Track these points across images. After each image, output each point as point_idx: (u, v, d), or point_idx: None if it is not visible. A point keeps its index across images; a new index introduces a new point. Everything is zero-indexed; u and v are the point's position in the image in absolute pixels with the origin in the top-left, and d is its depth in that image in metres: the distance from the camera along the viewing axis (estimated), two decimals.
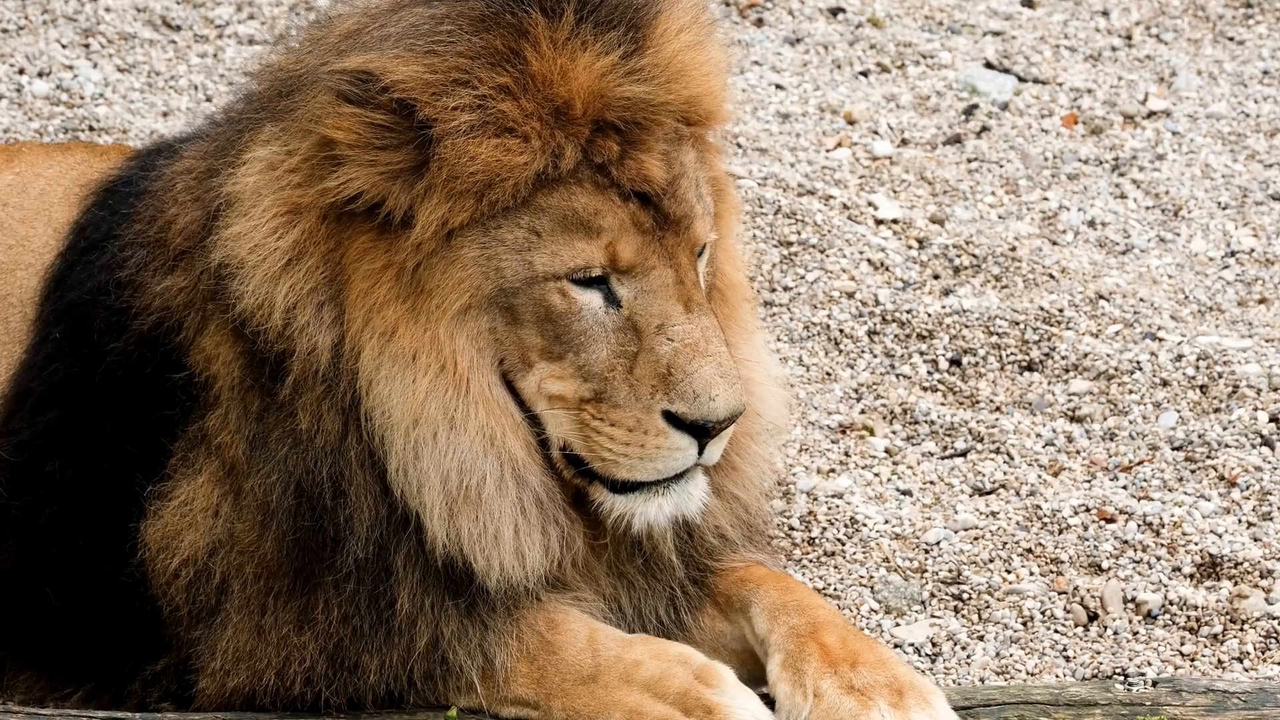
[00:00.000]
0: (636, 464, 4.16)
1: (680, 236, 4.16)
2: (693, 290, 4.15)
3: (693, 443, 4.14)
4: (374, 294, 4.13)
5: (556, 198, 4.10)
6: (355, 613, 4.25)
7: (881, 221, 6.84)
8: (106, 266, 4.57)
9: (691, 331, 4.11)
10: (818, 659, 4.25)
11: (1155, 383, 6.00)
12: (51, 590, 4.54)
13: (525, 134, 4.06)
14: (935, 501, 5.58)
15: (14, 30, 7.85)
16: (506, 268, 4.12)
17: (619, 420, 4.14)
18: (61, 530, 4.53)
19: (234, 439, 4.31)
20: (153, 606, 4.44)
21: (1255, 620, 5.03)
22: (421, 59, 4.07)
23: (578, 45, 4.09)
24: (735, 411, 4.11)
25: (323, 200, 4.15)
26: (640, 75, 4.13)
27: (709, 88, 4.25)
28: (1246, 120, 7.55)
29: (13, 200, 5.20)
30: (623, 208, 4.12)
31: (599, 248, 4.11)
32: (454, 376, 4.14)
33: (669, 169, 4.16)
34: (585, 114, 4.10)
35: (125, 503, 4.43)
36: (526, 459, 4.20)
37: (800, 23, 8.17)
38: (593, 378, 4.15)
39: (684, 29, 4.21)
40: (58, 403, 4.57)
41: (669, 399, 4.10)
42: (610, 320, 4.15)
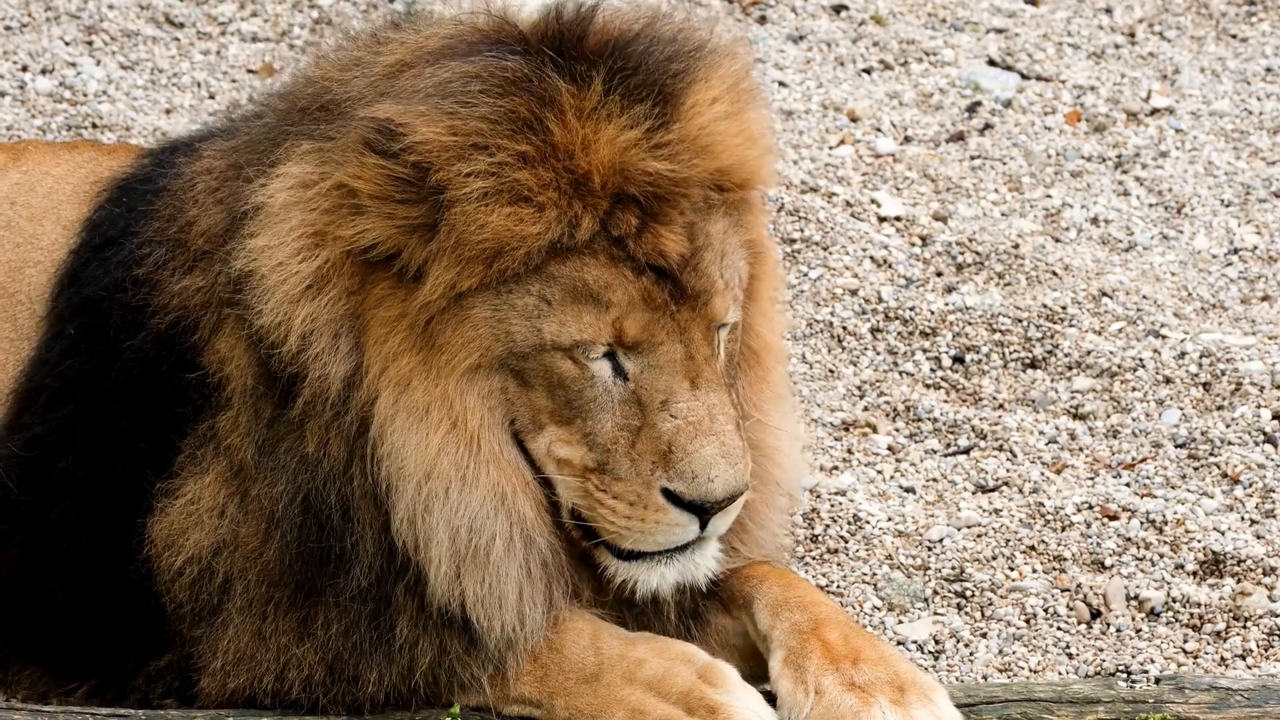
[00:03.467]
0: (638, 536, 4.14)
1: (695, 312, 4.12)
2: (703, 366, 4.11)
3: (693, 519, 4.12)
4: (389, 342, 4.12)
5: (569, 267, 4.07)
6: (356, 630, 4.26)
7: (884, 219, 6.84)
8: (123, 263, 4.57)
9: (696, 409, 4.08)
10: (819, 656, 4.24)
11: (1158, 380, 6.00)
12: (58, 585, 4.54)
13: (540, 203, 4.03)
14: (938, 499, 5.58)
15: (17, 27, 7.86)
16: (516, 332, 4.10)
17: (620, 493, 4.12)
18: (71, 526, 4.53)
19: (243, 441, 4.31)
20: (157, 603, 4.45)
21: (1258, 617, 5.03)
22: (445, 119, 4.04)
23: (603, 116, 4.05)
24: (734, 492, 4.09)
25: (344, 242, 4.16)
26: (665, 150, 4.08)
27: (743, 157, 4.20)
28: (1249, 118, 7.55)
29: (20, 199, 5.20)
30: (634, 282, 4.07)
31: (606, 323, 4.07)
32: (465, 434, 4.13)
33: (690, 242, 4.11)
34: (605, 187, 4.05)
35: (135, 499, 4.43)
36: (536, 519, 4.19)
37: (803, 20, 8.17)
38: (597, 447, 4.13)
39: (717, 99, 4.16)
40: (72, 399, 4.57)
41: (668, 477, 4.08)
42: (617, 391, 4.12)
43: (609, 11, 4.27)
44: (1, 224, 5.14)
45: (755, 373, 4.40)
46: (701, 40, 4.28)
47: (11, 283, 5.02)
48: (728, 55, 4.27)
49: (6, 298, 5.00)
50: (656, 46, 4.18)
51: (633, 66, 4.12)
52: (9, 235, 5.12)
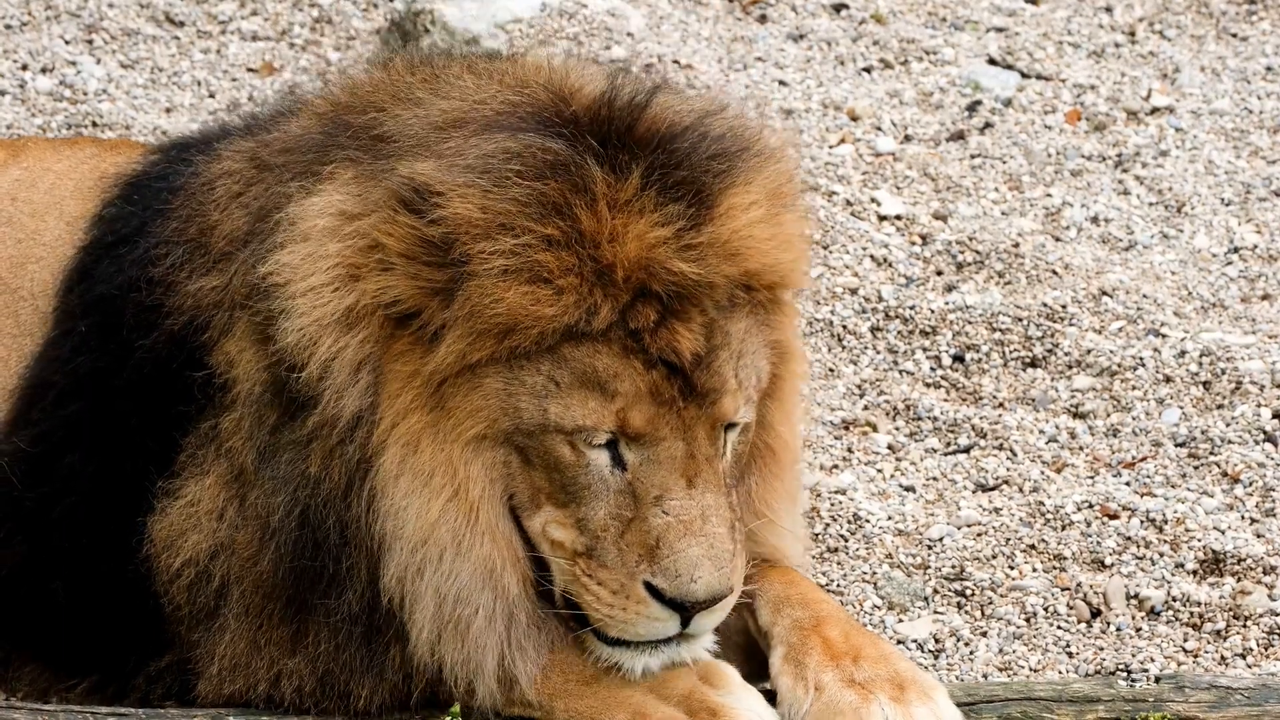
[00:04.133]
0: (620, 626, 4.13)
1: (702, 410, 4.10)
2: (703, 466, 4.10)
3: (673, 615, 4.10)
4: (403, 397, 4.13)
5: (582, 352, 4.06)
6: (346, 649, 4.27)
7: (885, 218, 6.84)
8: (138, 262, 4.57)
9: (689, 508, 4.06)
10: (820, 652, 4.25)
11: (1158, 379, 6.00)
12: (61, 583, 4.54)
13: (560, 286, 4.02)
14: (938, 498, 5.58)
15: (17, 26, 7.86)
16: (523, 409, 4.09)
17: (605, 580, 4.11)
18: (75, 523, 4.54)
19: (245, 445, 4.31)
20: (156, 603, 4.45)
21: (1258, 616, 5.03)
22: (478, 197, 4.04)
23: (635, 210, 4.04)
24: (716, 595, 4.07)
25: (371, 293, 4.17)
26: (694, 252, 4.06)
27: (774, 261, 4.17)
28: (1249, 117, 7.55)
29: (21, 195, 5.20)
30: (644, 375, 4.06)
31: (610, 411, 4.06)
32: (465, 504, 4.14)
33: (707, 341, 4.09)
34: (628, 281, 4.04)
35: (140, 498, 4.43)
36: (520, 595, 4.19)
37: (803, 19, 8.17)
38: (588, 532, 4.12)
39: (755, 203, 4.14)
40: (82, 396, 4.57)
41: (651, 571, 4.06)
42: (614, 481, 4.11)
43: (664, 101, 4.24)
44: (2, 220, 5.14)
45: (770, 469, 4.38)
46: (749, 140, 4.25)
47: (14, 278, 5.02)
48: (773, 158, 4.25)
49: (9, 293, 5.00)
50: (703, 143, 4.17)
51: (675, 162, 4.10)
52: (10, 231, 5.12)
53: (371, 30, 7.87)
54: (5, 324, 4.97)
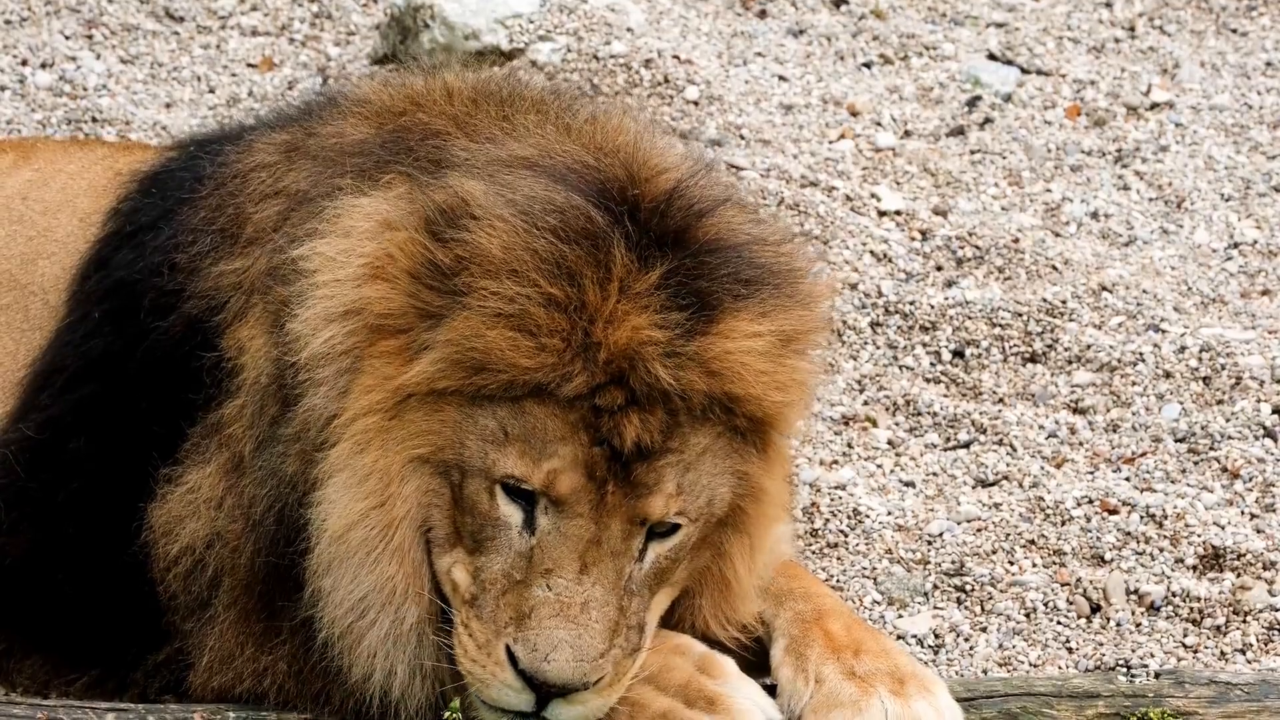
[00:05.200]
0: (477, 683, 4.11)
1: (627, 500, 4.08)
2: (605, 557, 4.07)
3: (526, 690, 4.06)
4: (369, 397, 4.15)
5: (542, 411, 4.06)
6: (313, 652, 4.27)
7: (884, 213, 6.84)
8: (162, 248, 4.58)
9: (572, 592, 4.04)
10: (821, 645, 4.26)
11: (1158, 374, 6.00)
12: (63, 573, 4.54)
13: (543, 344, 4.04)
14: (938, 493, 5.58)
15: (17, 21, 7.85)
16: (469, 447, 4.10)
17: (475, 633, 4.10)
18: (79, 510, 4.54)
19: (245, 434, 4.32)
20: (154, 591, 4.45)
21: (1258, 612, 5.03)
22: (506, 234, 4.06)
23: (641, 305, 4.05)
24: (569, 683, 4.02)
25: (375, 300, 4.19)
26: (675, 361, 4.05)
27: (762, 396, 4.14)
28: (1249, 112, 7.55)
29: (33, 194, 5.22)
30: (585, 448, 4.05)
31: (542, 470, 4.06)
32: (387, 516, 4.15)
33: (661, 439, 4.07)
34: (609, 364, 4.04)
35: (144, 484, 4.44)
36: (413, 627, 4.17)
37: (803, 14, 8.17)
38: (479, 582, 4.12)
39: (757, 334, 4.12)
40: (93, 379, 4.58)
41: (513, 637, 4.05)
42: (519, 542, 4.09)
43: (727, 214, 4.23)
44: (14, 218, 5.16)
45: (721, 598, 4.34)
46: (787, 278, 4.23)
47: (24, 275, 5.03)
48: (802, 302, 4.23)
49: (19, 289, 5.01)
50: (739, 265, 4.16)
51: (702, 273, 4.10)
52: (21, 229, 5.13)
53: (371, 26, 7.87)
54: (15, 319, 4.98)
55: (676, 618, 4.33)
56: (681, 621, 4.33)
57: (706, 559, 4.29)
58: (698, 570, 4.29)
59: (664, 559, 4.17)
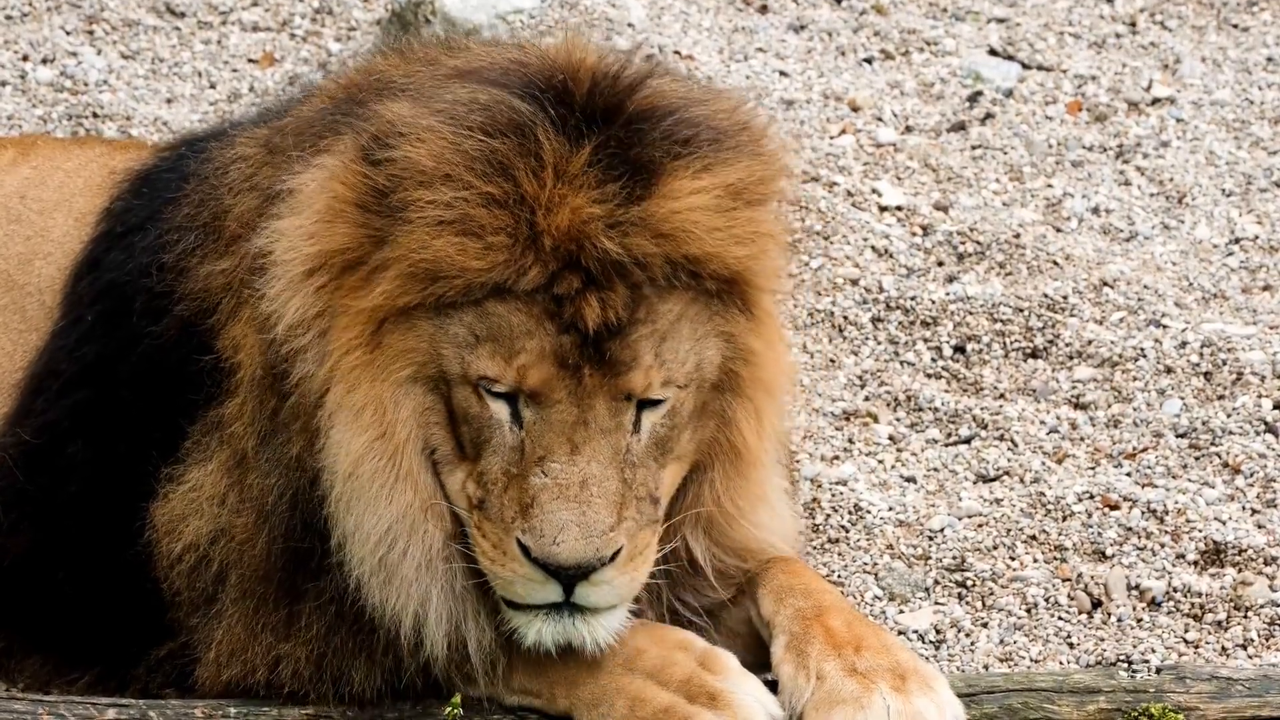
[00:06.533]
0: (502, 584, 4.12)
1: (606, 379, 4.07)
2: (595, 435, 4.06)
3: (549, 580, 4.07)
4: (348, 333, 4.15)
5: (503, 309, 4.07)
6: (337, 632, 4.27)
7: (886, 208, 6.84)
8: (149, 249, 4.58)
9: (569, 473, 4.04)
10: (822, 642, 4.25)
11: (1159, 370, 6.00)
12: (64, 572, 4.55)
13: (490, 243, 4.03)
14: (939, 489, 5.59)
15: (18, 17, 7.85)
16: (446, 357, 4.11)
17: (488, 534, 4.11)
18: (78, 512, 4.54)
19: (246, 431, 4.33)
20: (156, 589, 4.46)
21: (1259, 607, 5.04)
22: (434, 142, 4.06)
23: (579, 185, 4.04)
24: (582, 563, 4.03)
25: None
26: (619, 230, 4.04)
27: (723, 253, 4.12)
28: (1250, 107, 7.55)
29: (30, 193, 5.22)
30: (552, 337, 4.06)
31: (512, 367, 4.06)
32: (390, 445, 4.15)
33: (627, 314, 4.06)
34: (557, 250, 4.04)
35: (144, 486, 4.44)
36: (441, 548, 4.18)
37: (804, 9, 8.17)
38: (483, 485, 4.13)
39: (702, 189, 4.10)
40: (88, 383, 4.58)
41: (522, 529, 4.05)
42: (510, 437, 4.10)
43: (659, 84, 4.21)
44: (11, 218, 5.15)
45: (734, 469, 4.32)
46: (729, 132, 4.20)
47: (21, 275, 5.03)
48: (749, 153, 4.19)
49: (15, 290, 5.01)
50: (673, 127, 4.13)
51: (636, 141, 4.09)
52: (18, 229, 5.13)
53: (372, 21, 7.87)
54: (12, 319, 4.98)
55: (692, 496, 4.30)
56: (700, 502, 4.30)
57: (712, 429, 4.27)
58: (705, 442, 4.27)
59: (661, 427, 4.16)
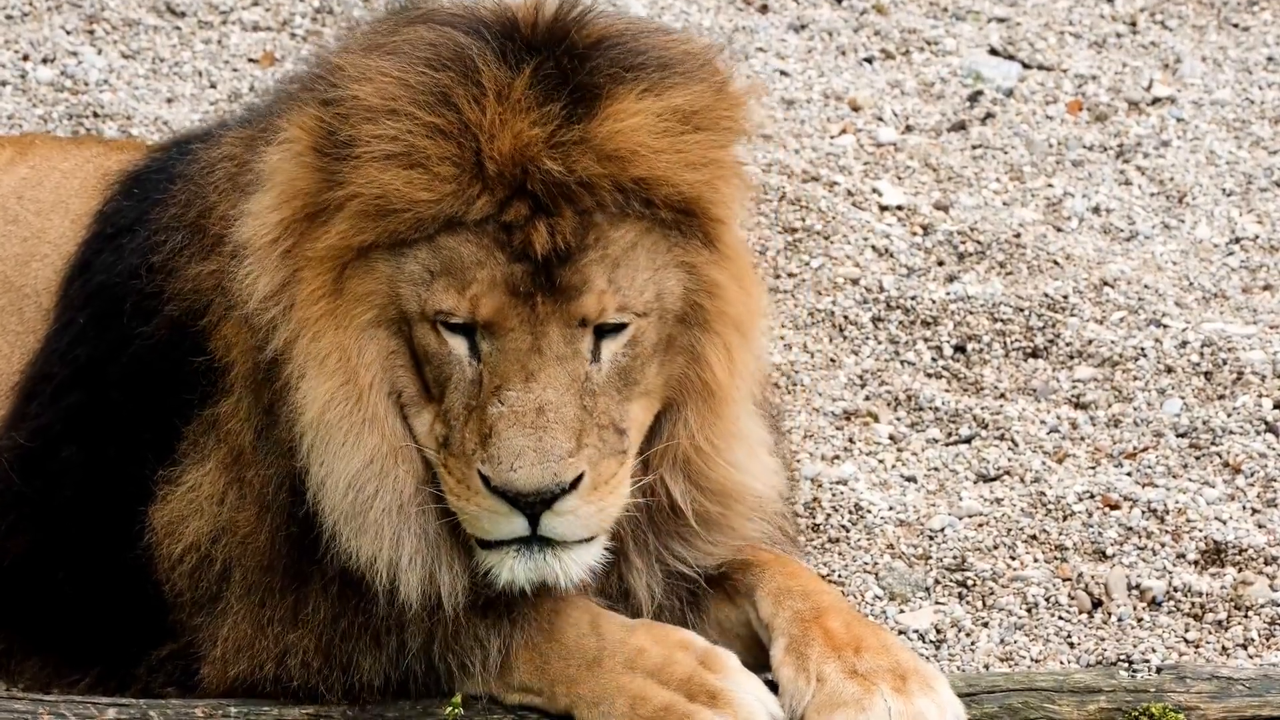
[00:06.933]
0: (470, 520, 4.12)
1: (558, 306, 4.07)
2: (550, 363, 4.06)
3: (514, 511, 4.06)
4: (312, 284, 4.16)
5: (454, 241, 4.08)
6: (344, 615, 4.27)
7: (886, 208, 6.84)
8: (138, 250, 4.59)
9: (524, 401, 4.04)
10: (821, 644, 4.25)
11: (1160, 369, 6.00)
12: (62, 574, 4.55)
13: (438, 174, 4.04)
14: (940, 488, 5.59)
15: (19, 16, 7.85)
16: (405, 296, 4.12)
17: (453, 469, 4.12)
18: (75, 514, 4.54)
19: (243, 427, 4.33)
20: (157, 591, 4.46)
21: (1260, 607, 5.04)
22: (380, 80, 4.08)
23: (520, 109, 4.04)
24: (540, 488, 4.02)
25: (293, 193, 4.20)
26: (562, 150, 4.04)
27: (671, 176, 4.12)
28: (1251, 107, 7.55)
29: (27, 193, 5.22)
30: (503, 266, 4.06)
31: (466, 298, 4.07)
32: (355, 389, 4.16)
33: (575, 239, 4.06)
34: (503, 177, 4.05)
35: (139, 488, 4.44)
36: (414, 493, 4.19)
37: (805, 9, 8.17)
38: (446, 422, 4.13)
39: (646, 111, 4.09)
40: (80, 386, 4.58)
41: (481, 460, 4.05)
42: (469, 371, 4.11)
43: (606, 17, 4.22)
44: (8, 219, 5.15)
45: (706, 406, 4.31)
46: (678, 60, 4.19)
47: (18, 277, 5.03)
48: (700, 80, 4.18)
49: (13, 292, 5.01)
50: (619, 54, 4.14)
51: (578, 67, 4.09)
52: (16, 230, 5.13)
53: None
54: (9, 321, 4.98)
55: (666, 434, 4.29)
56: (676, 442, 4.29)
57: (682, 364, 4.26)
58: (676, 378, 4.27)
59: (623, 357, 4.16)
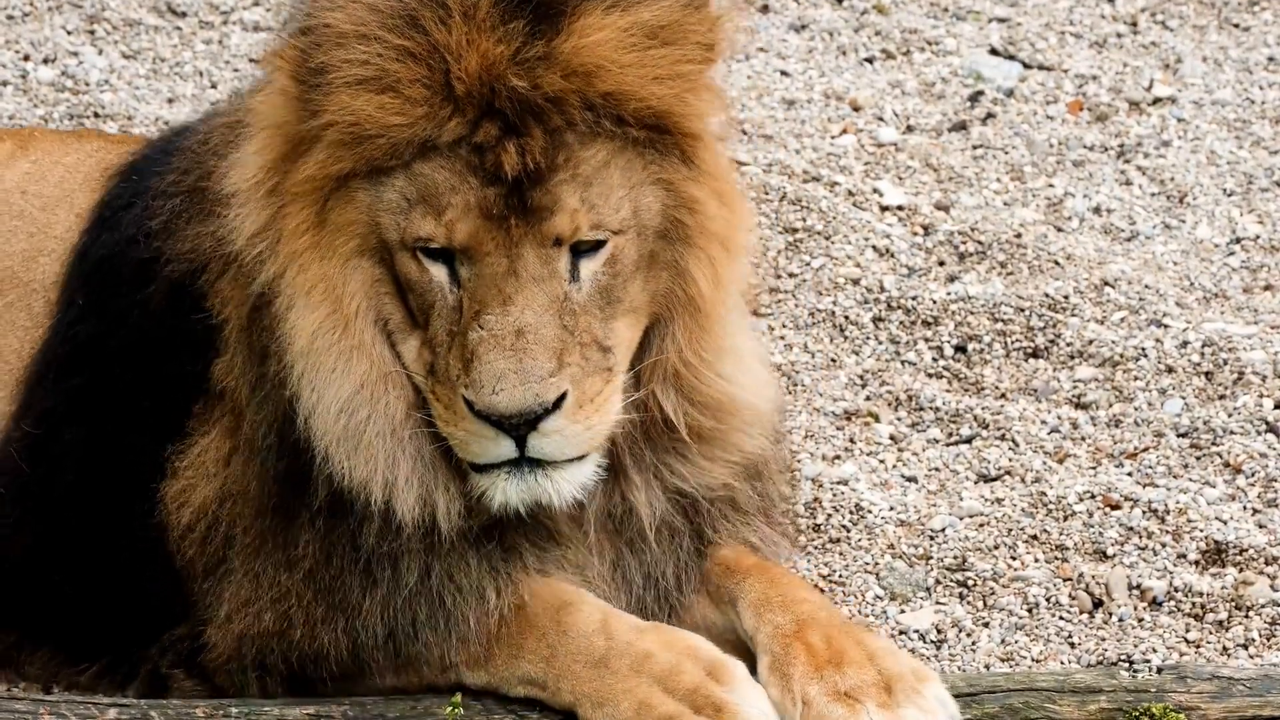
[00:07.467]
0: (459, 445, 4.14)
1: (531, 226, 4.08)
2: (527, 284, 4.07)
3: (500, 434, 4.08)
4: (296, 218, 4.18)
5: (429, 167, 4.09)
6: (335, 551, 4.28)
7: (887, 208, 6.84)
8: (135, 220, 4.61)
9: (503, 324, 4.05)
10: (804, 662, 4.25)
11: (1160, 369, 6.00)
12: (67, 561, 4.54)
13: (409, 97, 4.06)
14: (940, 488, 5.59)
15: (19, 16, 7.86)
16: (384, 224, 4.14)
17: (440, 395, 4.14)
18: (77, 498, 4.54)
19: (239, 383, 4.35)
20: (168, 566, 4.45)
21: (1260, 607, 5.04)
22: (350, 5, 4.10)
23: (486, 27, 4.05)
24: (523, 410, 4.04)
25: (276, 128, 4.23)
26: (527, 65, 4.06)
27: (638, 90, 4.13)
28: (1252, 107, 7.55)
29: (31, 188, 5.22)
30: (477, 190, 4.07)
31: (442, 223, 4.08)
32: (341, 318, 4.18)
33: (545, 159, 4.07)
34: (471, 96, 4.06)
35: (143, 461, 4.45)
36: (404, 419, 4.20)
37: (806, 9, 8.17)
38: (433, 350, 4.15)
39: (613, 26, 4.10)
40: (81, 366, 4.59)
41: (464, 385, 4.07)
42: (451, 298, 4.13)
43: None
44: (14, 214, 5.16)
45: (692, 320, 4.31)
46: None
47: (26, 272, 5.03)
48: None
49: (21, 287, 5.02)
50: None
51: None
52: (22, 225, 5.13)
53: None
54: (19, 317, 4.98)
55: (657, 350, 4.30)
56: (665, 357, 4.30)
57: (666, 280, 4.27)
58: (661, 294, 4.28)
59: (603, 275, 4.17)
